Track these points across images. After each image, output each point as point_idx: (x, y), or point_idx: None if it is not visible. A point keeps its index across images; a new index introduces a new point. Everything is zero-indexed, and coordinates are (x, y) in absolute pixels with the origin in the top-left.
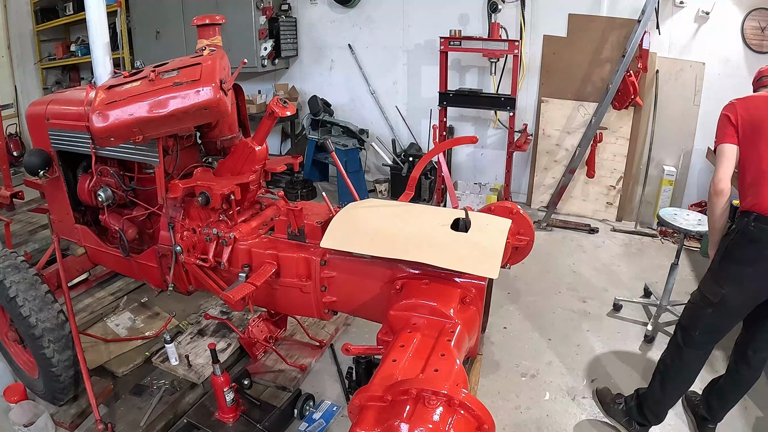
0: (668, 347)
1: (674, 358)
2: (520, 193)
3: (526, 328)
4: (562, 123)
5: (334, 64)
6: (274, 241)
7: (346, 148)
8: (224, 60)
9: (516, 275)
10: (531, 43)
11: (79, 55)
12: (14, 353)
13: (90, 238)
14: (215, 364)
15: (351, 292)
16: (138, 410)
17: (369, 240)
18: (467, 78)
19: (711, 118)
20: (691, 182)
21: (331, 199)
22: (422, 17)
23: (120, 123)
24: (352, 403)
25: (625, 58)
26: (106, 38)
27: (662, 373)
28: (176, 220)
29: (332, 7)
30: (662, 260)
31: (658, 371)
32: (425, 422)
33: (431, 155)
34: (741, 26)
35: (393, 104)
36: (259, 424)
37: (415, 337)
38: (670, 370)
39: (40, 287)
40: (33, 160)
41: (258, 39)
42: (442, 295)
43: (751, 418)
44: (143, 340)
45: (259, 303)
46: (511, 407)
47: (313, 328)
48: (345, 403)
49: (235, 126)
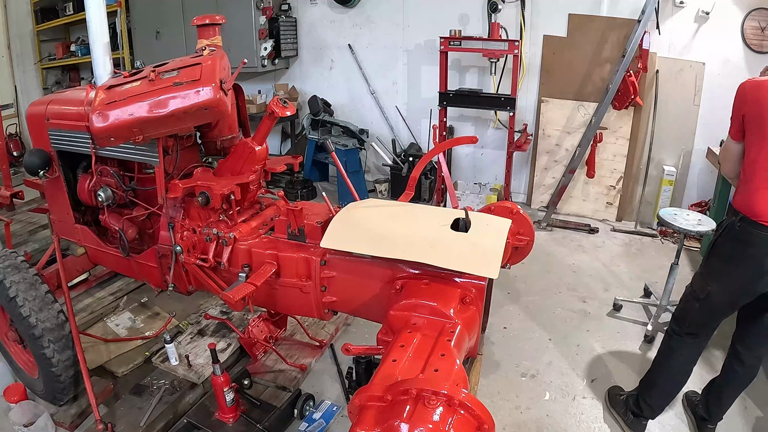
0: (663, 338)
1: (666, 346)
2: (520, 193)
3: (526, 328)
4: (562, 123)
5: (334, 64)
6: (274, 241)
7: (346, 148)
8: (224, 60)
9: (516, 275)
10: (531, 43)
11: (79, 55)
12: (14, 353)
13: (90, 238)
14: (215, 364)
15: (351, 292)
16: (138, 410)
17: (369, 240)
18: (467, 78)
19: (711, 118)
20: (691, 182)
21: (331, 199)
22: (422, 17)
23: (120, 123)
24: (352, 403)
25: (625, 58)
26: (106, 38)
27: (656, 363)
28: (176, 220)
29: (332, 7)
30: (662, 260)
31: (655, 361)
32: (425, 422)
33: (431, 155)
34: (741, 26)
35: (393, 104)
36: (259, 424)
37: (415, 337)
38: (662, 357)
39: (40, 287)
40: (33, 160)
41: (258, 39)
42: (442, 295)
43: (751, 418)
44: (143, 340)
45: (259, 303)
46: (511, 407)
47: (313, 328)
48: (345, 403)
49: (235, 126)
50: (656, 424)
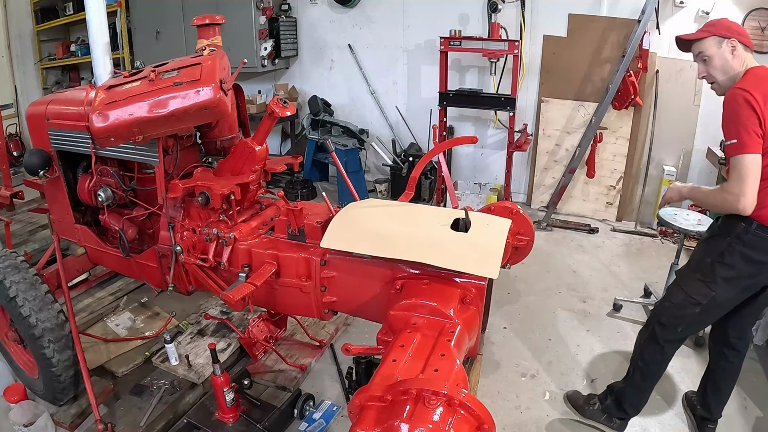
0: (646, 346)
1: (656, 356)
2: (520, 193)
3: (526, 328)
4: (562, 123)
5: (334, 64)
6: (274, 241)
7: (346, 148)
8: (224, 60)
9: (516, 275)
10: (531, 43)
11: (79, 55)
12: (14, 353)
13: (90, 238)
14: (215, 364)
15: (351, 292)
16: (138, 410)
17: (369, 240)
18: (467, 78)
19: (711, 118)
20: (691, 182)
21: (331, 199)
22: (422, 17)
23: (120, 123)
24: (352, 403)
25: (625, 58)
26: (106, 38)
27: (643, 370)
28: (176, 220)
29: (332, 7)
30: (662, 260)
31: (638, 369)
32: (425, 422)
33: (431, 155)
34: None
35: (393, 104)
36: (259, 424)
37: (415, 337)
38: (652, 366)
39: (40, 287)
40: (33, 160)
41: (258, 39)
42: (442, 295)
43: (751, 418)
44: (143, 340)
45: (259, 303)
46: (511, 407)
47: (313, 328)
48: (345, 403)
49: (235, 126)
50: (656, 424)
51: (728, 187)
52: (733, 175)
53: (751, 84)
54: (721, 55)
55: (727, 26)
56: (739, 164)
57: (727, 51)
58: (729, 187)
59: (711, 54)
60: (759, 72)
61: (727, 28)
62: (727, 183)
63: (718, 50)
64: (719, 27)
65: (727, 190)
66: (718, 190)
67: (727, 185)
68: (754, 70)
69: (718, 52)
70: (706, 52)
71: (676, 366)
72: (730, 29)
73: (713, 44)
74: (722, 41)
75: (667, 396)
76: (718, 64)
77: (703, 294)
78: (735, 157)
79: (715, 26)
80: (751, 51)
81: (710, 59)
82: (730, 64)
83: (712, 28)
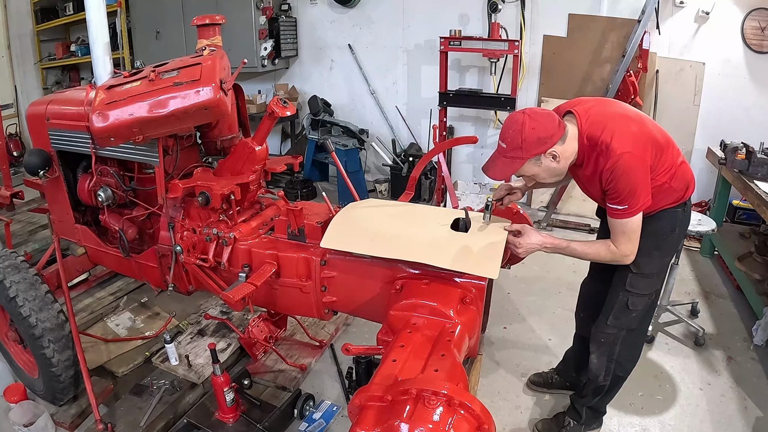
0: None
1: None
2: None
3: (526, 328)
4: None
5: (334, 64)
6: (274, 241)
7: (346, 148)
8: (224, 60)
9: (516, 275)
10: (531, 43)
11: (79, 55)
12: (14, 353)
13: (90, 238)
14: (215, 364)
15: (351, 292)
16: (138, 410)
17: (369, 240)
18: (467, 78)
19: (711, 118)
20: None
21: (331, 199)
22: (422, 17)
23: (120, 123)
24: (352, 403)
25: (625, 58)
26: (106, 38)
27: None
28: (176, 220)
29: (332, 7)
30: None
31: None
32: (425, 422)
33: (431, 155)
34: (741, 26)
35: (393, 104)
36: (259, 424)
37: (415, 337)
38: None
39: (40, 287)
40: (33, 160)
41: (258, 39)
42: (442, 295)
43: (751, 418)
44: (143, 340)
45: (259, 303)
46: (511, 407)
47: (313, 328)
48: (345, 403)
49: (235, 126)
50: (656, 424)
51: (621, 248)
52: (623, 238)
53: (625, 142)
54: (545, 168)
55: (536, 139)
56: (628, 228)
57: (548, 162)
58: (621, 248)
59: (535, 173)
60: (610, 120)
61: (537, 141)
62: (618, 243)
63: (539, 168)
64: (528, 146)
65: (620, 251)
66: (605, 249)
67: (618, 246)
68: (595, 124)
69: (541, 168)
70: (528, 174)
71: (676, 366)
72: (541, 140)
73: (532, 165)
74: (539, 158)
75: (667, 396)
76: (546, 176)
77: (655, 290)
78: (623, 220)
79: (522, 148)
80: (579, 122)
81: (537, 176)
82: (557, 168)
83: (520, 152)
